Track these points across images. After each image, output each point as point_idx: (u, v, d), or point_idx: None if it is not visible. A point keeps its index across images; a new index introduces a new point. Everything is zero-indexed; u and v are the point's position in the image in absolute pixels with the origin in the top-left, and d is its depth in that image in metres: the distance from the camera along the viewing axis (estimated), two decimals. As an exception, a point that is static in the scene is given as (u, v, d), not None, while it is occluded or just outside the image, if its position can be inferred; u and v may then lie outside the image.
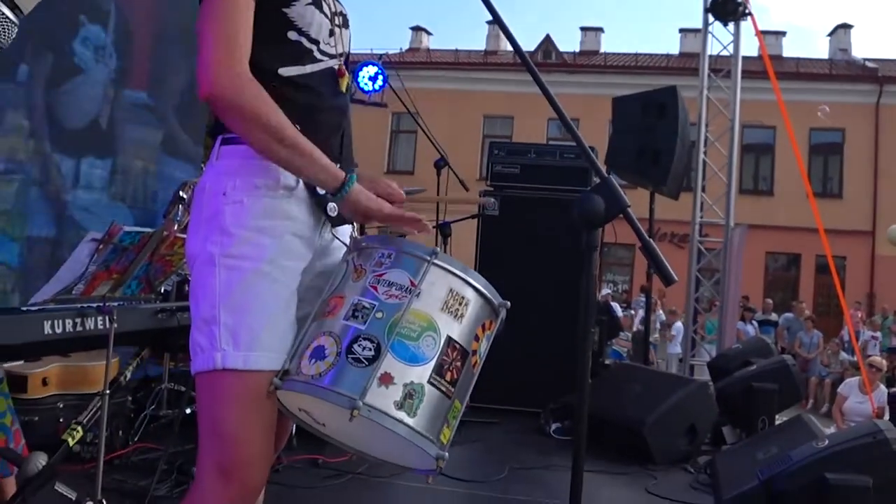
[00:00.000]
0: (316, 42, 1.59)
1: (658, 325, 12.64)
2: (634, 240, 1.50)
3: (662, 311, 13.13)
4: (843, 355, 12.59)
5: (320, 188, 1.54)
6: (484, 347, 1.51)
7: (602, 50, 24.38)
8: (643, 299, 11.17)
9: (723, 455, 4.00)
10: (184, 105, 5.00)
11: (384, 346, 1.36)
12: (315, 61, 1.59)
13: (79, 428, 2.45)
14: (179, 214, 3.81)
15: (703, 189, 7.89)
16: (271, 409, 1.46)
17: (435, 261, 1.45)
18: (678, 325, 11.68)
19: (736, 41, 7.77)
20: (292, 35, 1.56)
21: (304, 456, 3.60)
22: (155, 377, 4.25)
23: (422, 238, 1.82)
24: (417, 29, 25.86)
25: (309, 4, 1.56)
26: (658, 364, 11.48)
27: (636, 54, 23.18)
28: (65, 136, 4.01)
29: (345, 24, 1.69)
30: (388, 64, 10.23)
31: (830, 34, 23.41)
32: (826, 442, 3.06)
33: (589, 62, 22.64)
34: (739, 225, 7.88)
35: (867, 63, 21.36)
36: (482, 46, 24.72)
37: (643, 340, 9.47)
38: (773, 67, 8.24)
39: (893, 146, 19.42)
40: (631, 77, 20.19)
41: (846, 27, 23.13)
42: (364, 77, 8.20)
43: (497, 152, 5.87)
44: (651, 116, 6.50)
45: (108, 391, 2.44)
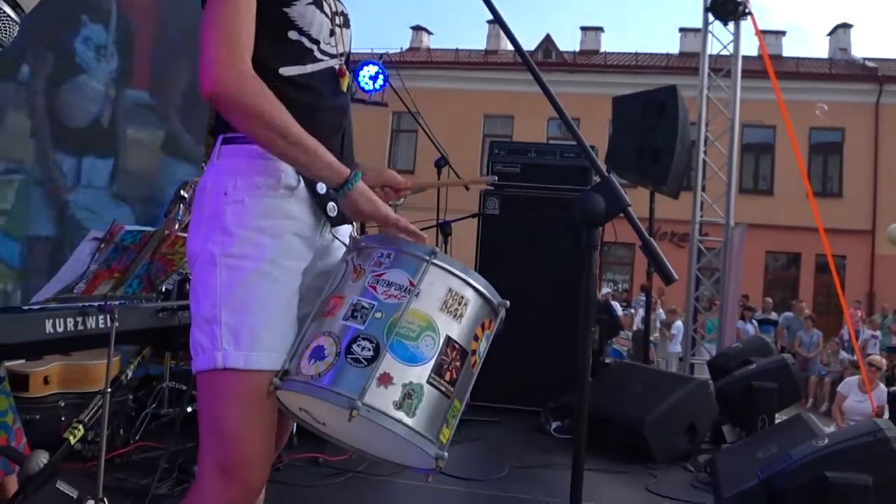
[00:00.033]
0: (316, 42, 1.59)
1: (658, 324, 12.64)
2: (635, 239, 1.50)
3: (662, 311, 13.13)
4: (843, 354, 12.58)
5: (324, 184, 1.55)
6: (483, 347, 1.50)
7: (602, 49, 24.36)
8: (643, 298, 11.17)
9: (723, 454, 4.01)
10: (186, 104, 5.00)
11: (383, 347, 1.36)
12: (316, 61, 1.59)
13: (80, 426, 2.45)
14: (180, 213, 3.81)
15: (703, 188, 7.89)
16: (272, 409, 1.47)
17: (434, 261, 1.45)
18: (678, 324, 11.67)
19: (736, 41, 7.77)
20: (293, 35, 1.55)
21: (305, 454, 3.61)
22: (156, 376, 4.26)
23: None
24: (418, 28, 25.84)
25: (310, 4, 1.56)
26: (658, 363, 11.49)
27: (636, 54, 23.15)
28: (66, 136, 4.00)
29: (345, 24, 1.69)
30: (389, 63, 10.24)
31: (830, 34, 23.39)
32: (826, 441, 3.06)
33: (589, 62, 22.61)
34: (739, 224, 7.88)
35: (867, 62, 21.34)
36: (482, 46, 24.69)
37: (643, 339, 9.48)
38: (773, 67, 8.24)
39: (893, 145, 19.41)
40: (631, 76, 20.17)
41: (846, 27, 23.11)
42: (365, 76, 8.21)
43: (497, 151, 5.87)
44: (651, 116, 6.50)
45: (110, 390, 2.44)
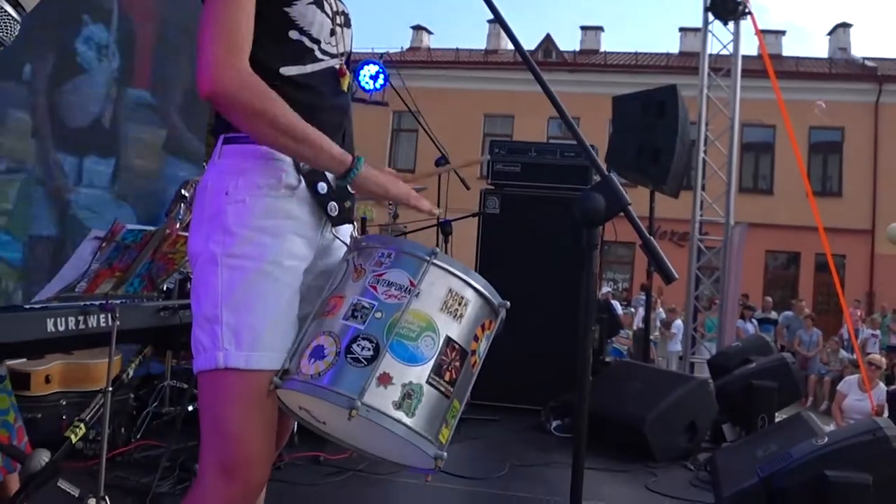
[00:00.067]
0: (317, 41, 1.59)
1: (658, 324, 12.64)
2: (635, 238, 1.50)
3: (662, 310, 13.13)
4: (843, 353, 12.58)
5: (330, 174, 1.56)
6: (483, 347, 1.50)
7: (602, 49, 24.35)
8: (643, 297, 11.17)
9: (723, 452, 4.01)
10: (188, 103, 5.00)
11: (383, 346, 1.37)
12: (316, 61, 1.59)
13: (81, 425, 2.44)
14: (181, 213, 3.83)
15: (703, 187, 7.90)
16: (272, 408, 1.47)
17: (434, 261, 1.45)
18: (678, 323, 11.68)
19: (736, 40, 7.78)
20: (293, 34, 1.55)
21: (306, 453, 3.62)
22: (157, 375, 4.26)
23: (423, 236, 1.83)
24: (418, 28, 25.84)
25: (310, 4, 1.56)
26: (658, 362, 11.49)
27: (636, 53, 23.15)
28: (68, 135, 4.00)
29: (346, 24, 1.69)
30: (389, 63, 10.23)
31: (830, 33, 23.40)
32: (826, 439, 3.06)
33: (589, 61, 22.60)
34: (739, 223, 7.88)
35: (866, 62, 21.34)
36: (483, 45, 24.68)
37: (643, 338, 9.48)
38: (773, 66, 8.24)
39: (893, 145, 19.41)
40: (631, 76, 20.17)
41: (845, 26, 23.11)
42: (365, 76, 8.20)
43: (498, 151, 5.88)
44: (651, 115, 6.51)
45: (111, 388, 2.44)
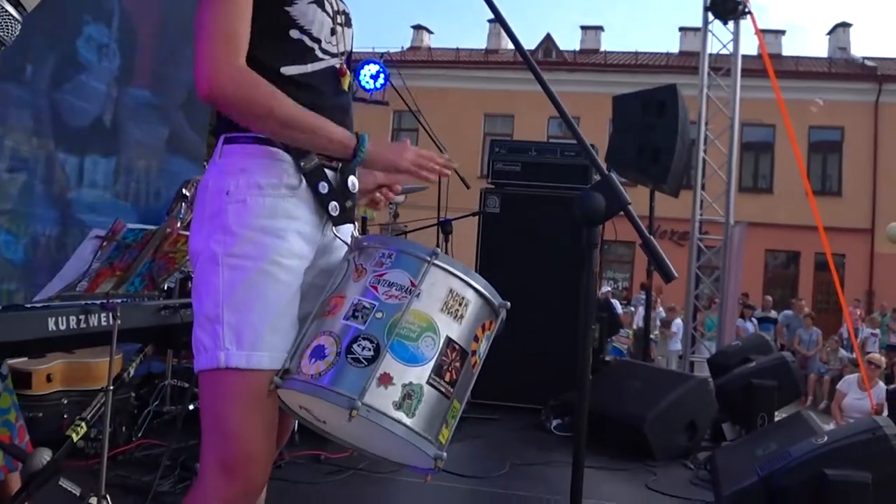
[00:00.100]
0: (318, 41, 1.59)
1: (658, 323, 12.64)
2: (635, 237, 1.51)
3: (662, 309, 13.13)
4: (842, 352, 12.58)
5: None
6: (483, 348, 1.51)
7: (602, 48, 24.34)
8: (643, 296, 11.18)
9: (722, 451, 4.01)
10: (190, 102, 4.99)
11: (383, 347, 1.37)
12: (317, 60, 1.59)
13: (83, 424, 2.44)
14: (182, 212, 3.83)
15: (703, 187, 7.90)
16: (273, 407, 1.48)
17: (435, 261, 1.46)
18: (678, 322, 11.68)
19: (735, 40, 7.78)
20: (294, 33, 1.56)
21: (307, 452, 3.62)
22: (158, 374, 4.27)
23: (423, 236, 1.84)
24: (419, 27, 25.84)
25: (311, 3, 1.56)
26: (658, 361, 11.49)
27: (636, 53, 23.14)
28: (69, 135, 3.99)
29: (347, 23, 1.69)
30: (390, 62, 10.24)
31: (829, 33, 23.38)
32: (825, 438, 3.06)
33: (589, 61, 22.59)
34: (739, 222, 7.89)
35: (866, 61, 21.34)
36: (483, 45, 24.67)
37: (643, 337, 9.49)
38: (773, 66, 8.24)
39: (892, 144, 19.41)
40: (631, 75, 20.17)
41: (845, 26, 23.11)
42: (365, 75, 8.20)
43: (498, 150, 5.88)
44: (651, 115, 6.52)
45: (112, 387, 2.44)
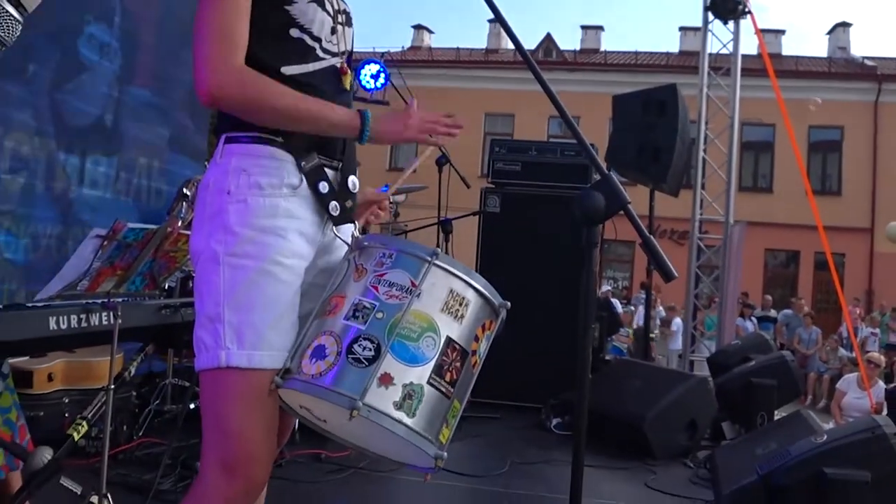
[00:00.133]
0: (318, 40, 1.60)
1: (658, 322, 12.65)
2: (635, 236, 1.51)
3: (663, 308, 13.14)
4: (842, 351, 12.58)
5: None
6: (484, 348, 1.51)
7: (602, 48, 24.35)
8: (643, 296, 11.18)
9: (722, 450, 4.02)
10: (193, 102, 4.98)
11: (384, 347, 1.37)
12: (318, 59, 1.60)
13: (84, 423, 2.44)
14: (183, 211, 3.83)
15: (703, 186, 7.91)
16: (274, 406, 1.48)
17: (436, 261, 1.46)
18: (677, 321, 11.69)
19: (735, 39, 7.78)
20: (294, 32, 1.56)
21: (307, 451, 3.62)
22: (159, 373, 4.27)
23: (424, 236, 1.84)
24: (419, 27, 25.83)
25: (311, 2, 1.57)
26: (658, 360, 11.49)
27: (636, 52, 23.14)
28: (70, 135, 3.99)
29: (347, 22, 1.70)
30: (390, 62, 10.25)
31: (829, 32, 23.39)
32: (824, 437, 3.06)
33: (589, 60, 22.60)
34: (739, 222, 7.89)
35: (866, 61, 21.34)
36: (483, 45, 24.65)
37: (643, 336, 9.50)
38: (773, 66, 8.24)
39: (892, 144, 19.41)
40: (631, 75, 20.16)
41: (845, 25, 23.11)
42: (366, 75, 8.21)
43: (498, 149, 5.89)
44: (651, 114, 6.52)
45: (113, 386, 2.44)
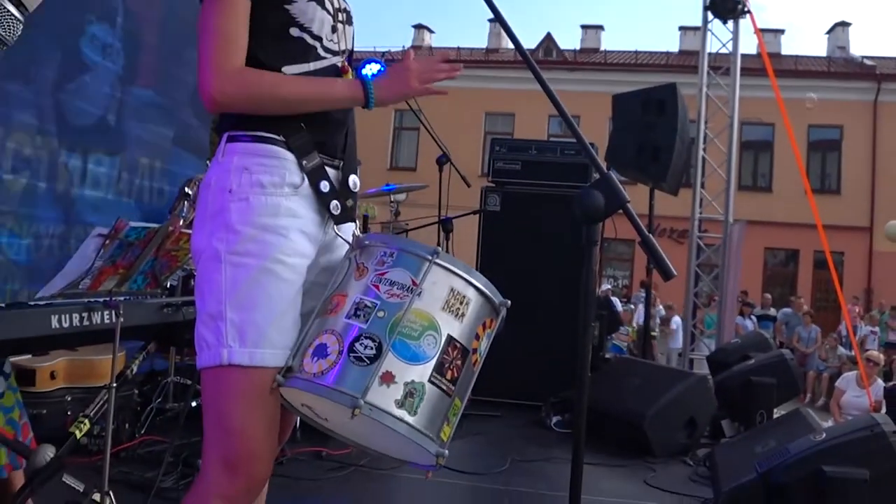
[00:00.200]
0: (319, 39, 1.60)
1: (658, 320, 12.65)
2: (634, 235, 1.52)
3: (662, 307, 13.14)
4: (841, 350, 12.60)
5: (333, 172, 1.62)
6: (484, 346, 1.52)
7: (602, 48, 24.35)
8: (643, 294, 11.19)
9: (721, 448, 4.03)
10: (197, 101, 5.00)
11: (385, 345, 1.38)
12: (318, 58, 1.61)
13: (86, 421, 2.45)
14: (185, 210, 3.84)
15: (703, 185, 7.92)
16: (275, 404, 1.49)
17: (436, 260, 1.47)
18: (677, 320, 11.69)
19: (735, 39, 7.79)
20: (294, 32, 1.57)
21: (308, 448, 3.63)
22: (161, 371, 4.27)
23: (424, 235, 1.84)
24: (419, 27, 25.83)
25: (311, 1, 1.57)
26: (659, 358, 11.50)
27: (636, 52, 23.16)
28: (72, 135, 3.99)
29: (348, 21, 1.70)
30: (391, 61, 10.20)
31: (829, 32, 23.41)
32: (823, 435, 3.07)
33: (589, 60, 22.61)
34: (738, 221, 7.91)
35: (865, 60, 21.35)
36: (484, 44, 24.67)
37: (643, 335, 9.50)
38: (772, 65, 8.25)
39: (891, 143, 19.42)
40: (631, 74, 20.16)
41: (844, 25, 23.12)
42: (367, 74, 8.23)
43: (498, 148, 5.89)
44: (651, 113, 6.53)
45: (115, 384, 2.44)
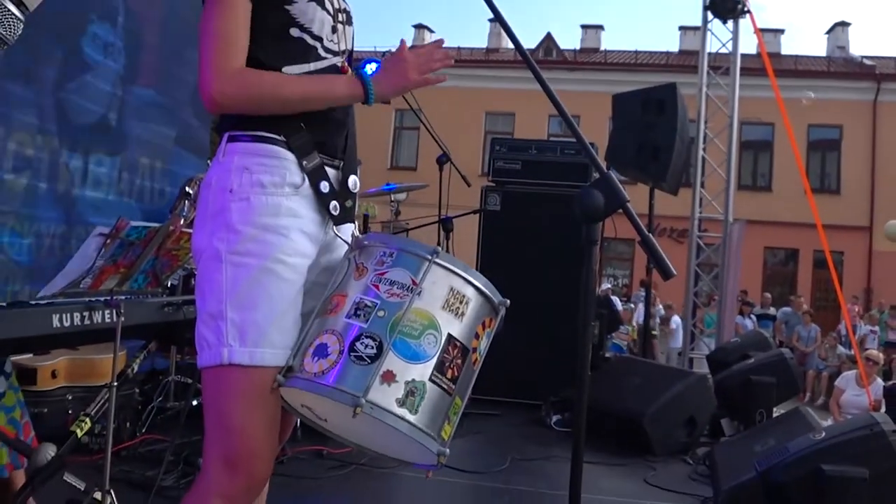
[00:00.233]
0: (319, 39, 1.61)
1: (658, 320, 12.66)
2: (634, 235, 1.52)
3: (662, 306, 13.15)
4: (841, 349, 12.61)
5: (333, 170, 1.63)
6: (484, 345, 1.53)
7: (602, 47, 24.35)
8: (643, 293, 11.20)
9: (721, 447, 4.03)
10: (198, 100, 5.00)
11: (386, 345, 1.39)
12: (319, 59, 1.61)
13: (87, 419, 2.45)
14: (185, 210, 3.84)
15: (703, 185, 7.93)
16: (276, 403, 1.49)
17: (436, 260, 1.47)
18: (676, 319, 11.70)
19: (735, 39, 7.80)
20: (294, 32, 1.57)
21: (309, 447, 3.63)
22: (162, 370, 4.29)
23: (424, 234, 1.84)
24: (420, 27, 25.78)
25: (311, 1, 1.58)
26: (659, 357, 11.50)
27: (636, 52, 23.16)
28: (74, 134, 3.99)
29: (348, 21, 1.71)
30: (387, 57, 10.19)
31: (828, 32, 23.41)
32: (823, 434, 3.07)
33: (589, 59, 22.62)
34: (738, 220, 7.91)
35: (865, 60, 21.35)
36: (484, 44, 24.66)
37: (643, 334, 9.51)
38: (772, 65, 8.25)
39: (891, 143, 19.43)
40: (631, 74, 20.16)
41: (844, 25, 23.12)
42: (366, 71, 8.23)
43: (499, 148, 5.90)
44: (651, 113, 6.53)
45: (116, 383, 2.45)
